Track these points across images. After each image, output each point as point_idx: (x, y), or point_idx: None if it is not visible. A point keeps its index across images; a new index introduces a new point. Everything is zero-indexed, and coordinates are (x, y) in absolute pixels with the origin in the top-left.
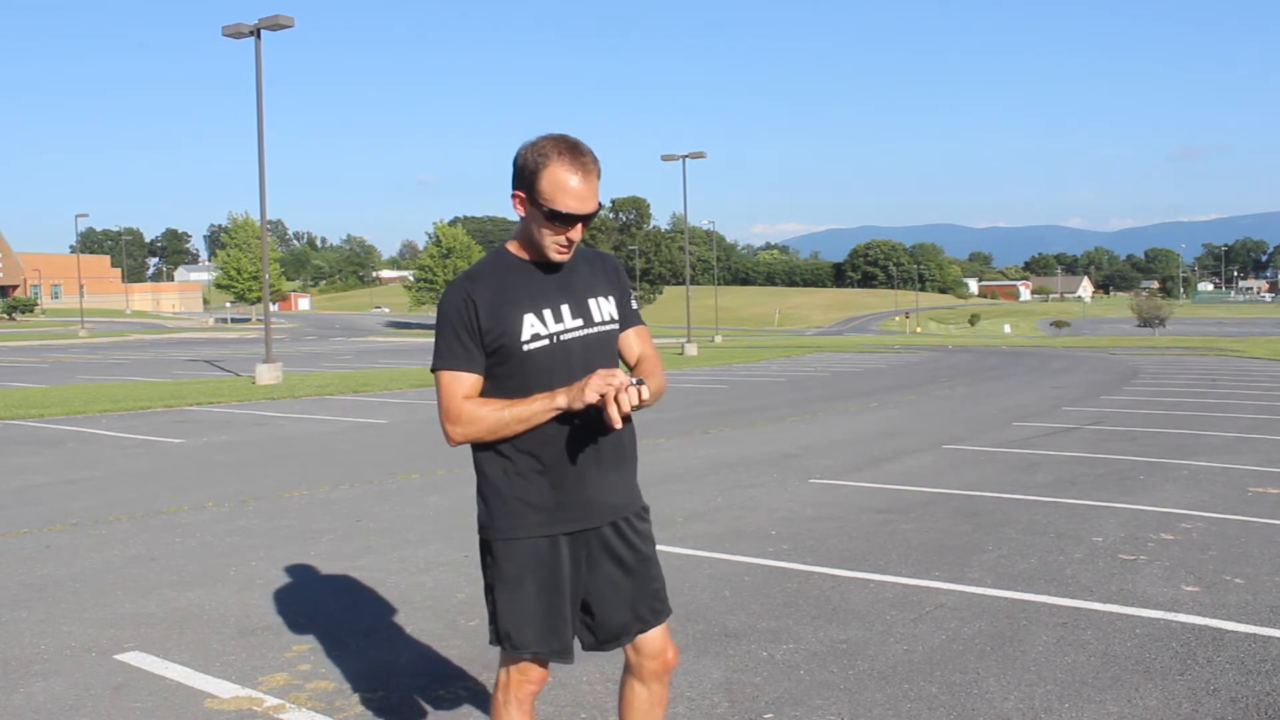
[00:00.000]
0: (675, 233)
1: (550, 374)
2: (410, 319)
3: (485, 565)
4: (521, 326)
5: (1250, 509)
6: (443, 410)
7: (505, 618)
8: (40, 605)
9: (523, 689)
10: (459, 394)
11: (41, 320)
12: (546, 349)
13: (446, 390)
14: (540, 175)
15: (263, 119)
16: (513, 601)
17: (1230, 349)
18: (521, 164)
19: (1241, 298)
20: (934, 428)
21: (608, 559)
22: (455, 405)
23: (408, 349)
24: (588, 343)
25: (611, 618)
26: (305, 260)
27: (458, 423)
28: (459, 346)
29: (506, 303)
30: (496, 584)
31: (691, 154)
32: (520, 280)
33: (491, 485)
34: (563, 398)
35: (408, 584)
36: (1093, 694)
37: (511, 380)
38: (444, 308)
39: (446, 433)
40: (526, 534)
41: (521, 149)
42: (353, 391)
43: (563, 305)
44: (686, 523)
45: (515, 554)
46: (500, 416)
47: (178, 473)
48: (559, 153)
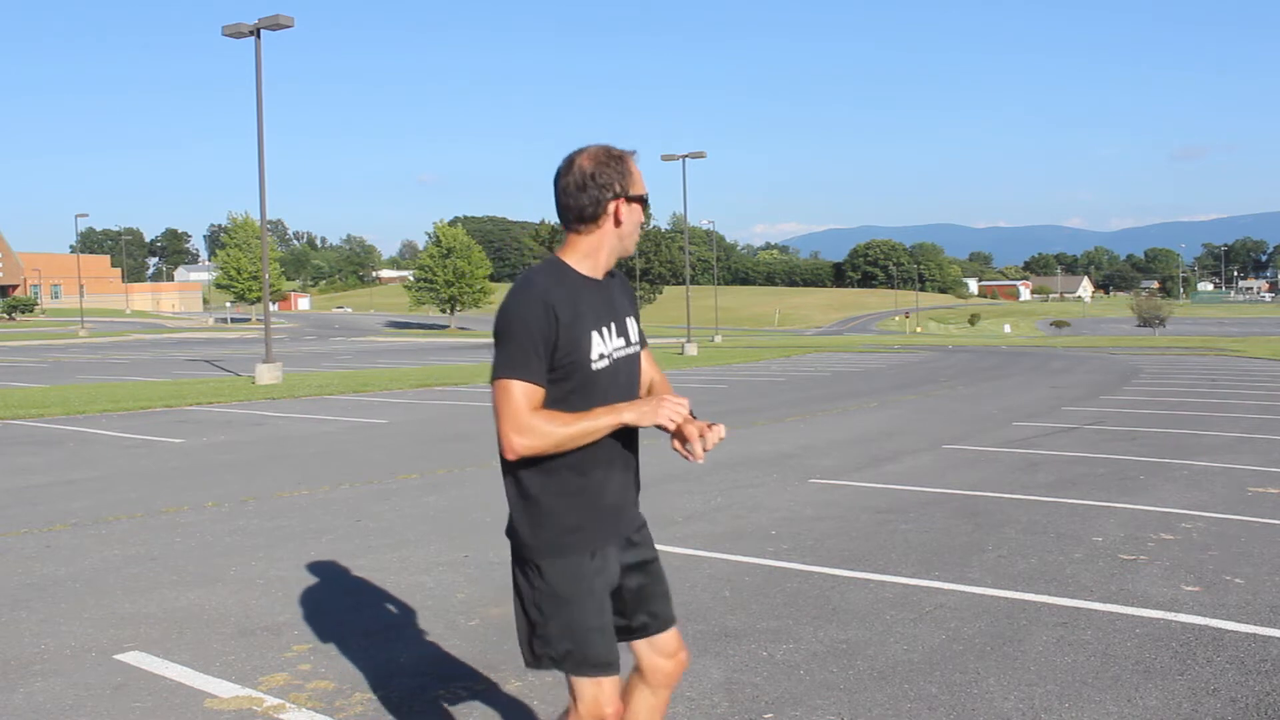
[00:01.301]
0: (675, 233)
1: (606, 394)
2: (410, 319)
3: (531, 586)
4: (591, 345)
5: (1250, 509)
6: (510, 421)
7: (569, 638)
8: (40, 605)
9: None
10: (530, 406)
11: (41, 320)
12: (607, 368)
13: (517, 401)
14: (630, 172)
15: (263, 119)
16: (574, 620)
17: (1230, 349)
18: (611, 174)
19: (1241, 298)
20: (934, 428)
21: (632, 564)
22: (525, 417)
23: (408, 349)
24: (630, 361)
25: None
26: (305, 260)
27: (527, 434)
28: (534, 358)
29: (580, 319)
30: (550, 605)
31: (691, 154)
32: (586, 296)
33: (542, 502)
34: (630, 414)
35: (408, 584)
36: (1093, 694)
37: (573, 397)
38: (521, 315)
39: (511, 443)
40: (582, 549)
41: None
42: (353, 391)
43: (612, 323)
44: (686, 523)
45: (574, 571)
46: (569, 431)
47: (178, 473)
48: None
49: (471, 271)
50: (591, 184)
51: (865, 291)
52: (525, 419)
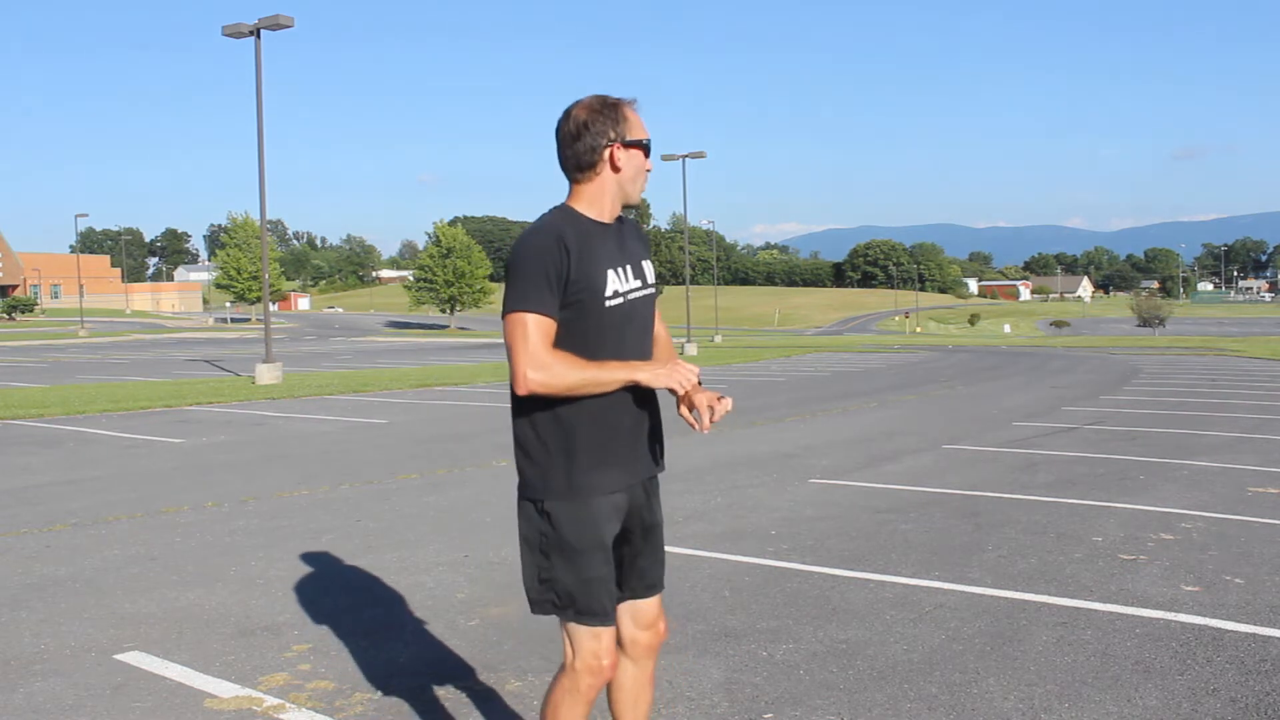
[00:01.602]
0: (675, 232)
1: (621, 333)
2: (410, 319)
3: (538, 531)
4: (605, 282)
5: (1250, 509)
6: (526, 354)
7: (571, 583)
8: (40, 605)
9: (593, 678)
10: (545, 340)
11: (41, 320)
12: (621, 306)
13: (533, 334)
14: (626, 119)
15: (263, 119)
16: (578, 566)
17: (1230, 349)
18: (605, 121)
19: (1241, 298)
20: (934, 428)
21: (644, 513)
22: (541, 352)
23: (408, 349)
24: (646, 303)
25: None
26: (305, 260)
27: (542, 369)
28: (547, 291)
29: (593, 254)
30: (555, 549)
31: (691, 154)
32: (598, 236)
33: (557, 444)
34: (644, 374)
35: (408, 584)
36: (1092, 694)
37: (588, 336)
38: (530, 249)
39: (525, 377)
40: (592, 493)
41: (593, 111)
42: (353, 391)
43: (627, 265)
44: (686, 523)
45: (581, 516)
46: (584, 375)
47: (178, 473)
48: (621, 100)
49: (471, 271)
50: (586, 132)
51: (865, 291)
52: (541, 354)
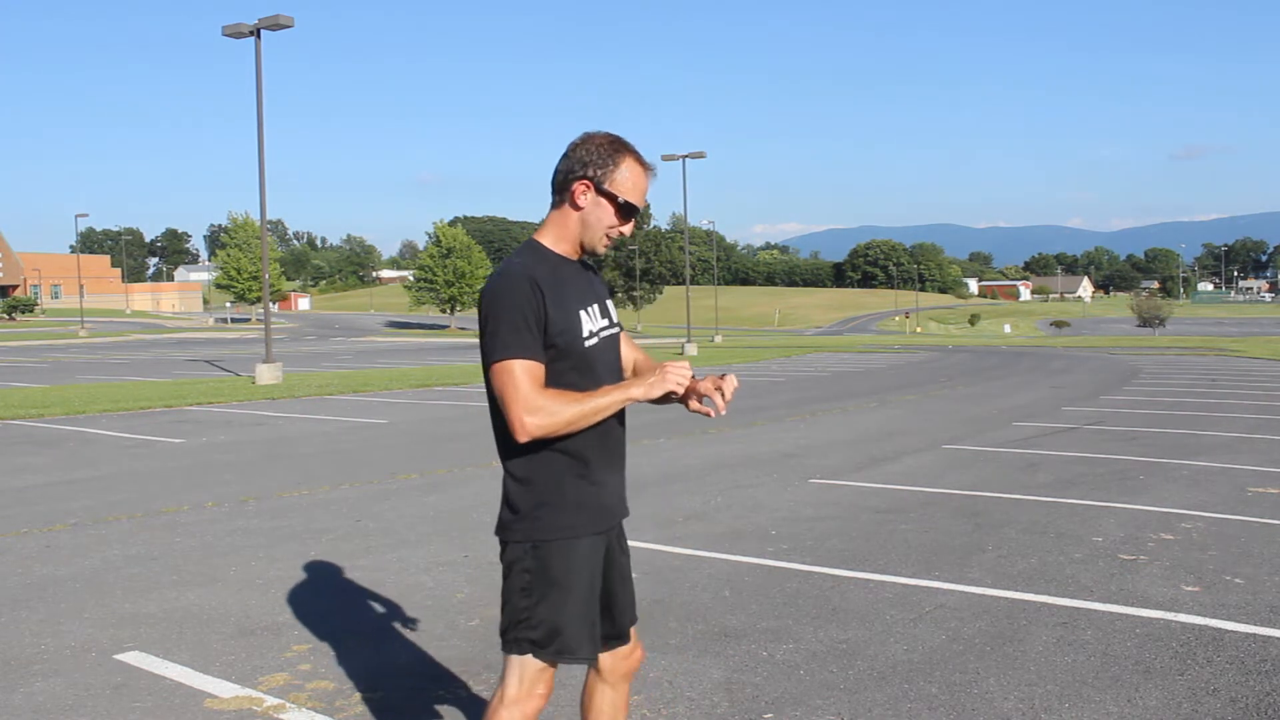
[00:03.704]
0: (675, 233)
1: (598, 371)
2: (410, 319)
3: (525, 570)
4: (581, 323)
5: (1250, 509)
6: (519, 401)
7: (556, 621)
8: (40, 605)
9: (532, 704)
10: (535, 383)
11: (41, 320)
12: (598, 345)
13: (523, 380)
14: (618, 167)
15: (263, 119)
16: (564, 604)
17: (1230, 349)
18: (593, 154)
19: (1241, 298)
20: (934, 428)
21: (619, 556)
22: (534, 396)
23: (408, 349)
24: (614, 341)
25: (622, 615)
26: (305, 260)
27: (538, 413)
28: (529, 335)
29: (566, 297)
30: (541, 587)
31: (691, 154)
32: (567, 274)
33: (546, 485)
34: (637, 390)
35: (408, 584)
36: (1093, 694)
37: (570, 375)
38: (507, 295)
39: (523, 424)
40: (580, 533)
41: (590, 141)
42: (353, 391)
43: (595, 304)
44: (686, 523)
45: (569, 555)
46: (580, 409)
47: (178, 473)
48: (634, 151)
49: (471, 271)
50: (569, 156)
51: (865, 292)
52: (535, 398)
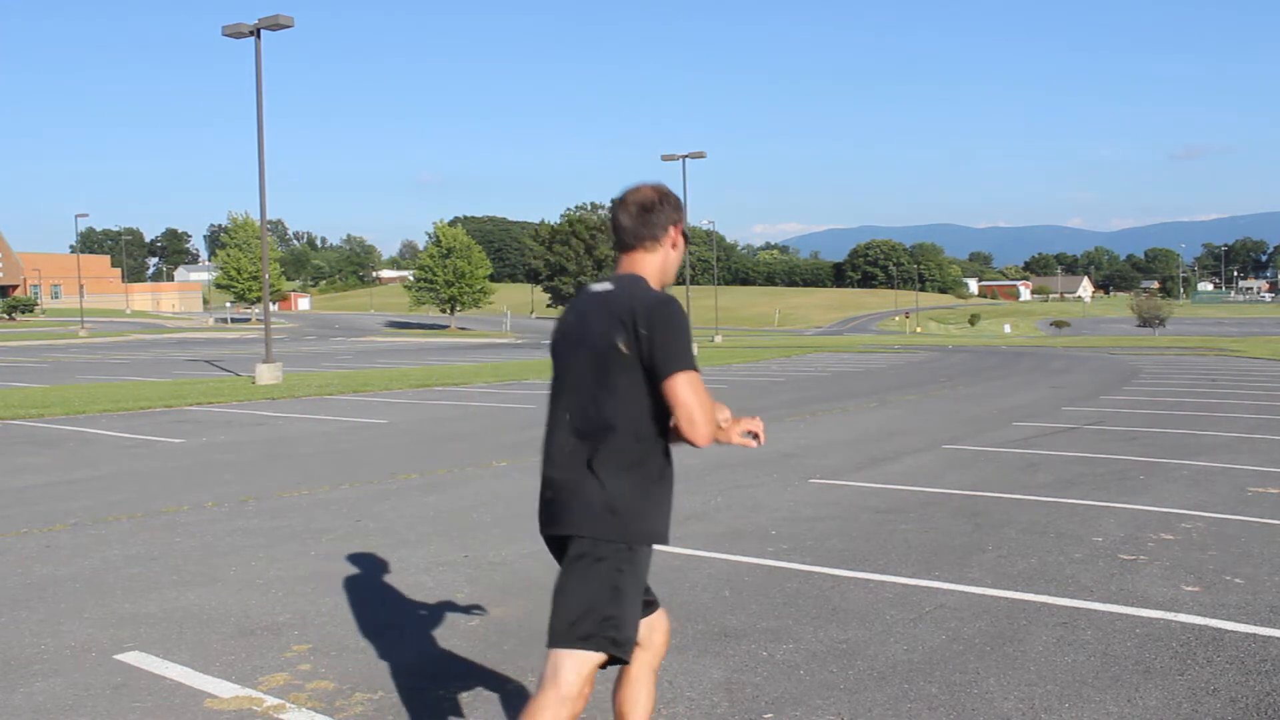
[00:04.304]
0: None
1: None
2: (410, 319)
3: (618, 569)
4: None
5: (1250, 509)
6: (704, 410)
7: (636, 622)
8: (40, 605)
9: (582, 703)
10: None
11: (41, 320)
12: None
13: (705, 392)
14: (683, 210)
15: (263, 119)
16: (637, 606)
17: (1230, 349)
18: (670, 199)
19: (1241, 298)
20: (934, 428)
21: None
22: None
23: (408, 349)
24: None
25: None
26: (305, 260)
27: (711, 424)
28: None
29: None
30: (632, 590)
31: (691, 154)
32: None
33: (645, 490)
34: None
35: (408, 584)
36: (1093, 694)
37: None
38: (683, 317)
39: (706, 433)
40: (661, 540)
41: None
42: (353, 391)
43: None
44: (686, 523)
45: (649, 559)
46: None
47: (178, 473)
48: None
49: (471, 272)
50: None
51: (865, 292)
52: (711, 410)
